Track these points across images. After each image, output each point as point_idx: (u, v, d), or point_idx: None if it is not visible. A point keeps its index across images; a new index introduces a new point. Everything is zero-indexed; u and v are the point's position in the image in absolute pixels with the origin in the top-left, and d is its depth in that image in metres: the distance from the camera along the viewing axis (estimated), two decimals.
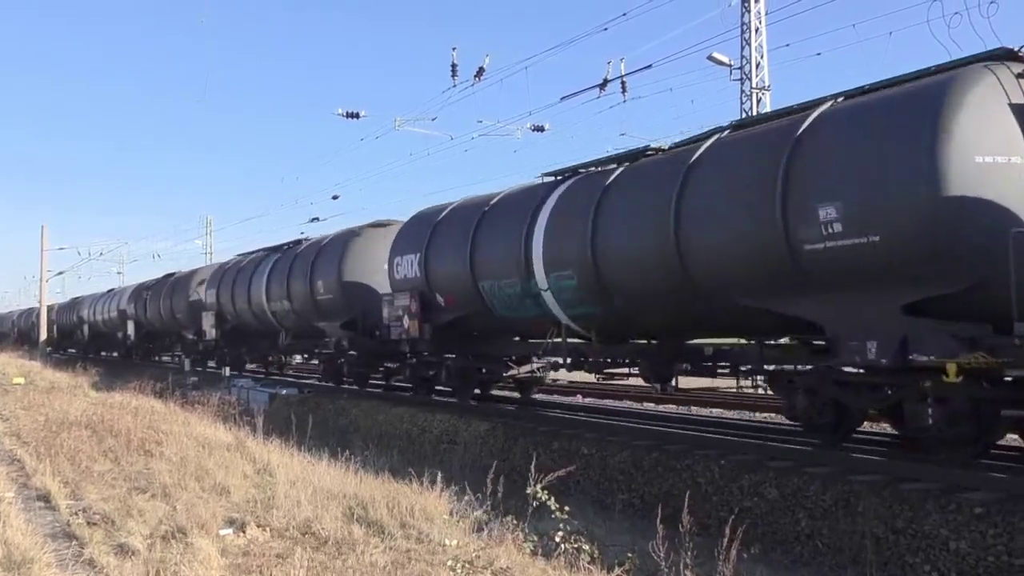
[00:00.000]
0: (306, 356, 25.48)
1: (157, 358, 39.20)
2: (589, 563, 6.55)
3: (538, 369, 15.86)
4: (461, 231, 14.74)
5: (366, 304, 18.36)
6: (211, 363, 30.47)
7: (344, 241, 19.90)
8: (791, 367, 10.08)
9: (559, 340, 12.86)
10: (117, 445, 12.08)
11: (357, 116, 25.76)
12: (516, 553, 6.66)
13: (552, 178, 13.77)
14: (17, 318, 76.21)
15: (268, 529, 7.55)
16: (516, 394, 17.63)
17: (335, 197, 38.01)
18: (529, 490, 7.33)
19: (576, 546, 6.78)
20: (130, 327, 38.01)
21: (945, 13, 13.22)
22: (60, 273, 61.16)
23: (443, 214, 15.97)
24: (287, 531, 7.50)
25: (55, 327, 55.25)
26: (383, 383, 20.71)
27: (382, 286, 17.92)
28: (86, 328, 47.56)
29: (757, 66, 22.84)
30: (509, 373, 16.18)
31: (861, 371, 9.01)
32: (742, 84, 23.05)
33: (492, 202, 14.73)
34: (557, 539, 6.88)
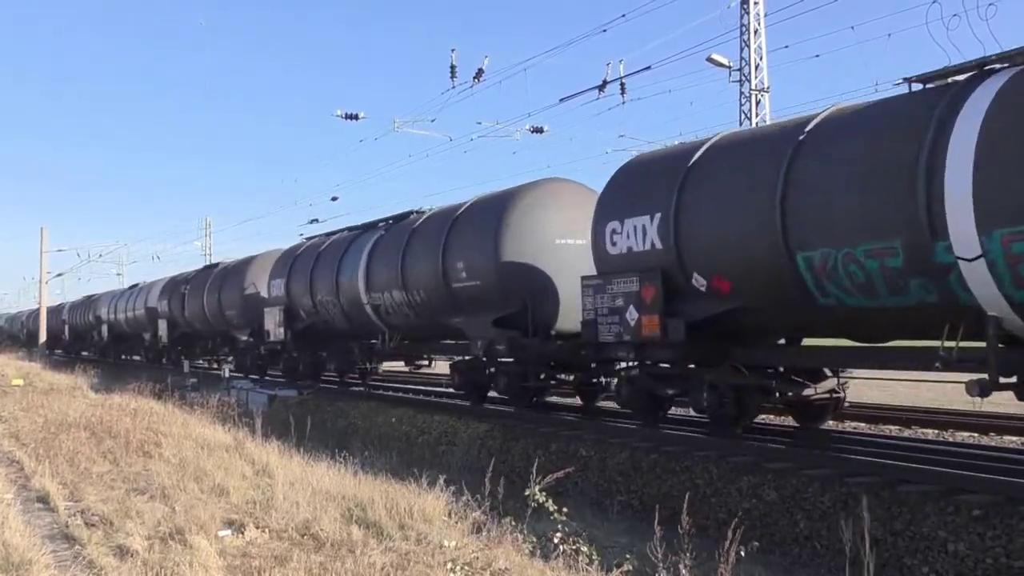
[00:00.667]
0: (419, 364, 19.84)
1: (196, 363, 32.16)
2: (587, 564, 6.56)
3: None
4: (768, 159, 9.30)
5: (534, 292, 13.67)
6: (274, 371, 24.94)
7: (500, 208, 14.27)
8: None
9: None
10: (116, 446, 12.08)
11: (356, 118, 25.78)
12: (515, 554, 6.66)
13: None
14: (27, 319, 72.93)
15: (267, 530, 7.56)
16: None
17: (334, 199, 38.14)
18: (528, 491, 7.33)
19: (575, 547, 6.78)
20: (162, 327, 33.16)
21: (944, 15, 13.21)
22: (60, 275, 61.12)
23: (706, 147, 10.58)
24: (286, 532, 7.50)
25: (67, 328, 52.19)
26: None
27: (557, 268, 13.74)
28: (105, 329, 43.08)
29: (756, 68, 22.86)
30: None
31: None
32: (741, 86, 23.07)
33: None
34: (555, 540, 6.88)
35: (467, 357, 15.68)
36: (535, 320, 13.34)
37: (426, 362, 19.72)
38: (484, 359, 14.80)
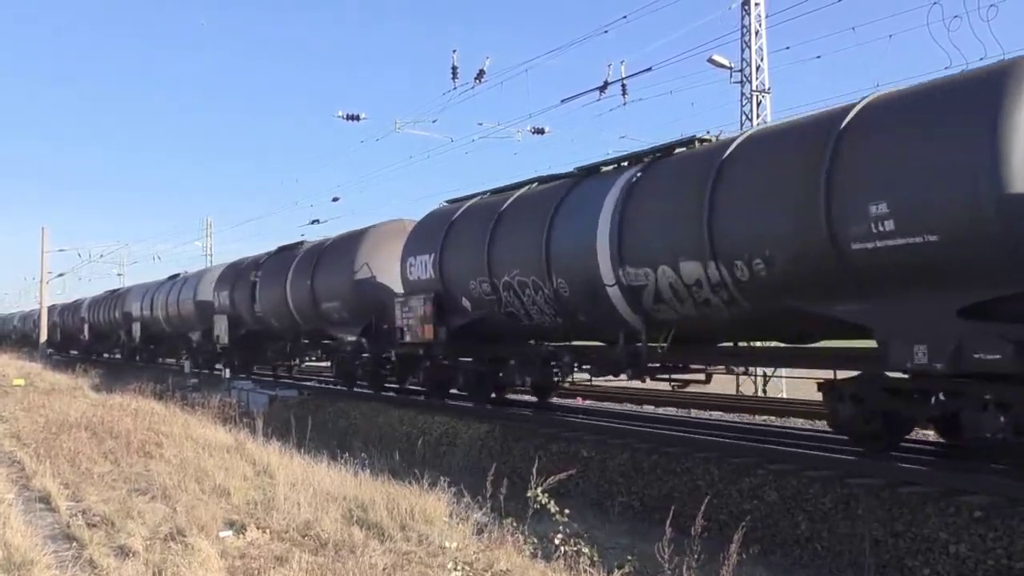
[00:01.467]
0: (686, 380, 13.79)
1: (264, 371, 27.31)
2: (589, 565, 6.56)
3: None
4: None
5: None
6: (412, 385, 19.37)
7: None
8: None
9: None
10: (117, 447, 12.09)
11: (357, 118, 25.80)
12: (516, 555, 6.66)
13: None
14: (88, 311, 68.18)
15: (268, 531, 7.56)
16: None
17: (335, 199, 38.14)
18: (529, 493, 7.33)
19: (576, 548, 6.78)
20: (221, 325, 26.68)
21: (945, 16, 13.23)
22: (61, 275, 61.14)
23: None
24: (287, 533, 7.50)
25: (87, 327, 47.37)
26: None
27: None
28: (136, 327, 37.21)
29: (757, 69, 22.87)
30: None
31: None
32: (742, 87, 23.09)
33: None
34: (556, 541, 6.88)
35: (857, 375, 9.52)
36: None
37: (702, 377, 12.15)
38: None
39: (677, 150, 11.25)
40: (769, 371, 21.52)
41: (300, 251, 22.08)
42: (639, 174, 11.19)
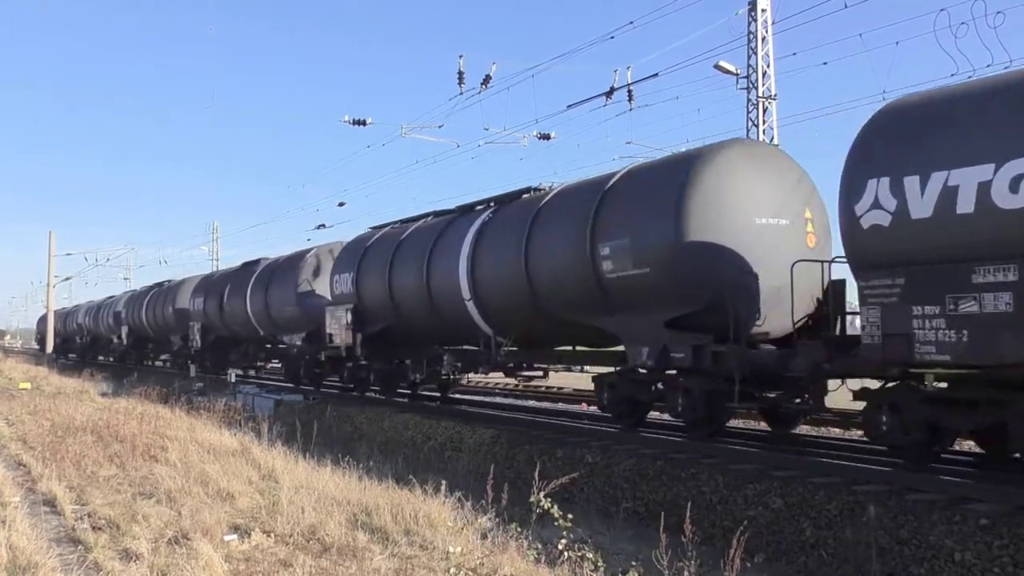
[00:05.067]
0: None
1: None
2: (593, 571, 6.55)
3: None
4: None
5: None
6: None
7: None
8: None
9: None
10: (122, 450, 12.12)
11: (364, 123, 25.82)
12: (520, 561, 6.65)
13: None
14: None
15: (272, 535, 7.57)
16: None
17: (341, 204, 38.16)
18: (533, 498, 7.33)
19: (580, 554, 6.77)
20: (195, 330, 28.40)
21: (952, 23, 13.23)
22: (68, 278, 61.30)
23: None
24: (291, 537, 7.51)
25: (124, 329, 40.83)
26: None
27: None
28: (196, 330, 29.82)
29: (763, 75, 22.85)
30: None
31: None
32: (748, 93, 23.05)
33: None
34: (561, 547, 6.87)
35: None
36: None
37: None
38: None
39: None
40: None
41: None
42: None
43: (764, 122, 22.68)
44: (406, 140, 27.08)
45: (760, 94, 22.80)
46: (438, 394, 19.32)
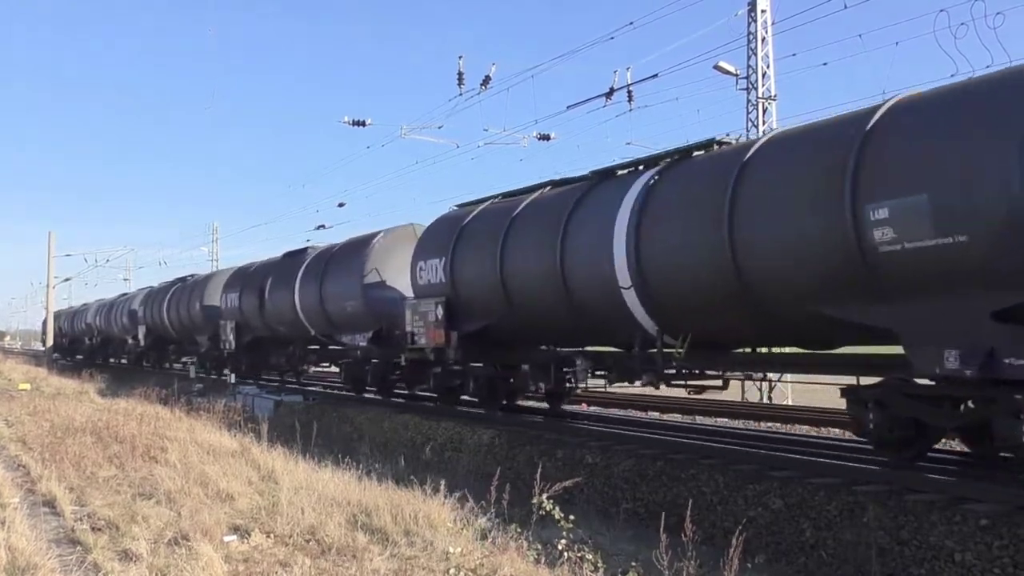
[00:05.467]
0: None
1: None
2: (593, 572, 6.55)
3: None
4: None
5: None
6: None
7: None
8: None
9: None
10: (122, 451, 12.11)
11: (363, 124, 25.85)
12: (520, 561, 6.65)
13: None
14: (95, 315, 49.20)
15: (272, 536, 7.57)
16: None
17: (341, 205, 38.29)
18: (534, 500, 7.33)
19: (580, 555, 6.77)
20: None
21: (952, 23, 13.22)
22: (67, 279, 61.31)
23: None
24: (291, 538, 7.51)
25: (142, 328, 36.71)
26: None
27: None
28: (231, 331, 26.35)
29: (763, 75, 22.86)
30: None
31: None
32: (748, 93, 23.09)
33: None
34: (561, 547, 6.87)
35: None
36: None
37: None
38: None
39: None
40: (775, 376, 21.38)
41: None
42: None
43: (764, 123, 22.70)
44: (406, 141, 27.23)
45: (760, 95, 22.81)
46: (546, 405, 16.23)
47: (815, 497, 8.36)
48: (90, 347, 50.20)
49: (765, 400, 21.48)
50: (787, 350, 10.89)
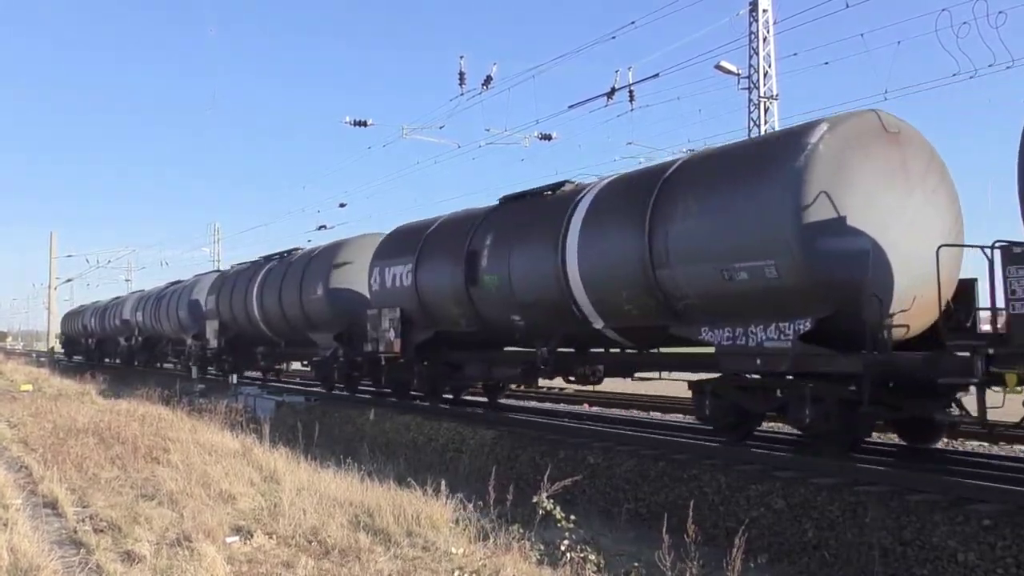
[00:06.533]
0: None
1: None
2: (595, 572, 6.55)
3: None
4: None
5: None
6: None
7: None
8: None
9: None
10: (124, 452, 12.12)
11: (364, 124, 25.86)
12: (522, 562, 6.65)
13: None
14: (100, 315, 47.16)
15: (274, 537, 7.57)
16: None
17: (342, 205, 38.33)
18: (535, 499, 7.33)
19: (582, 555, 6.77)
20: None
21: (954, 23, 13.21)
22: (69, 280, 61.31)
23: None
24: (293, 539, 7.51)
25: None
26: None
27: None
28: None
29: (765, 75, 22.84)
30: None
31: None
32: (750, 93, 23.05)
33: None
34: (563, 548, 6.87)
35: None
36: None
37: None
38: None
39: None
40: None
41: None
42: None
43: (766, 122, 22.67)
44: (407, 141, 27.16)
45: (761, 94, 22.79)
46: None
47: (817, 497, 8.36)
48: (127, 348, 41.77)
49: None
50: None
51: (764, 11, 22.80)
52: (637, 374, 13.75)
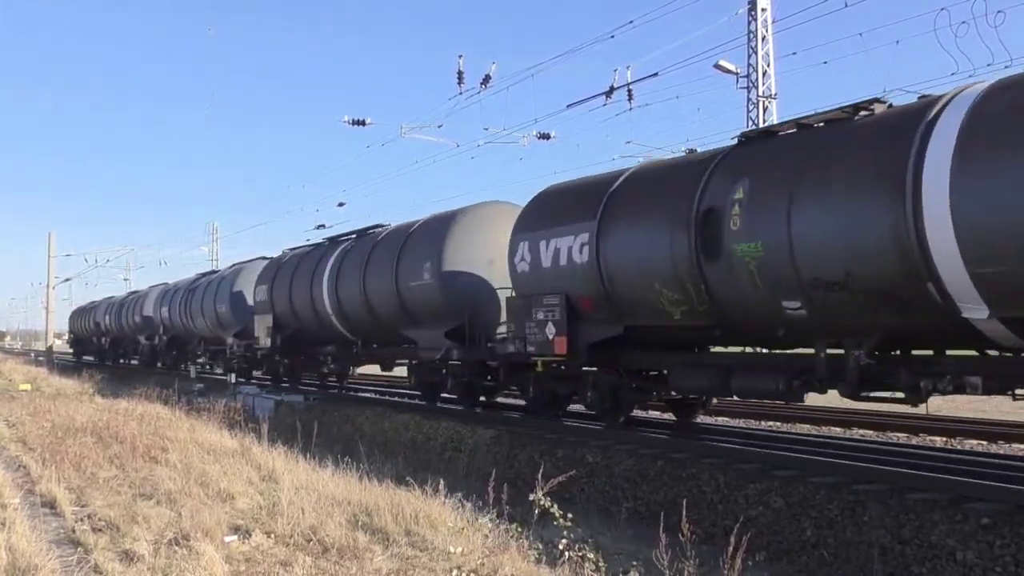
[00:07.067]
0: None
1: None
2: (594, 571, 6.53)
3: None
4: None
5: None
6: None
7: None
8: None
9: None
10: (123, 451, 12.10)
11: (363, 123, 25.83)
12: (520, 561, 6.64)
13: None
14: (116, 311, 43.15)
15: (272, 536, 7.56)
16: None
17: (341, 204, 38.27)
18: (532, 497, 7.31)
19: (581, 554, 6.76)
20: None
21: (952, 22, 13.18)
22: (67, 279, 61.17)
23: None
24: (291, 538, 7.50)
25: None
26: None
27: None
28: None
29: (764, 74, 22.84)
30: None
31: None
32: (748, 92, 23.06)
33: None
34: (561, 547, 6.86)
35: None
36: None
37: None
38: None
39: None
40: None
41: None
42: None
43: (764, 121, 22.67)
44: (406, 140, 27.18)
45: (760, 93, 22.80)
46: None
47: (816, 496, 8.36)
48: (150, 348, 37.57)
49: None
50: None
51: (763, 10, 22.81)
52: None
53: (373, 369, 22.40)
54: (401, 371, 20.03)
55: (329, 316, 19.69)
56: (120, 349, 45.52)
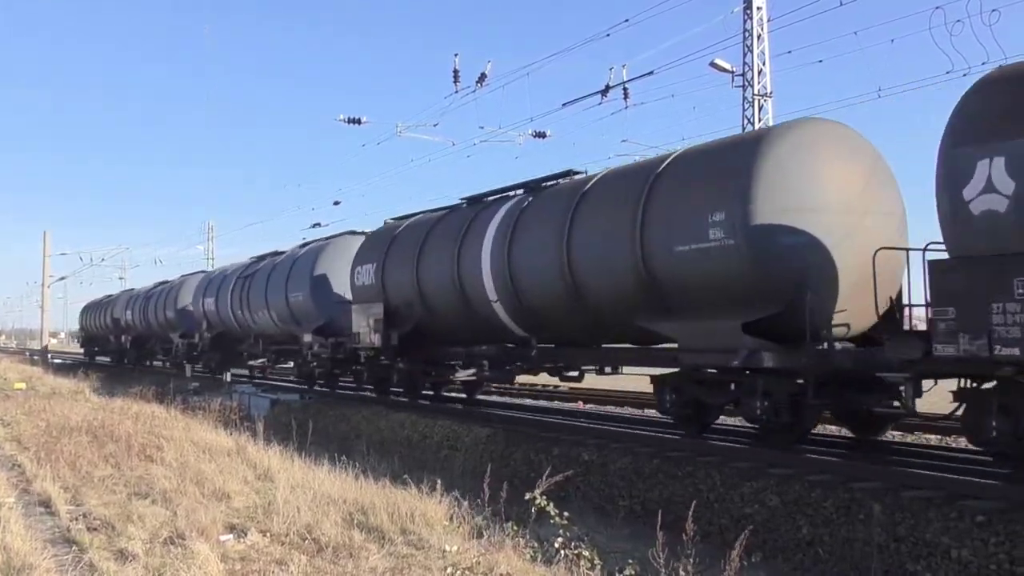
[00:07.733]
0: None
1: None
2: (589, 569, 6.53)
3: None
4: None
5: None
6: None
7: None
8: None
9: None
10: (118, 450, 12.08)
11: (359, 122, 25.81)
12: (516, 559, 6.64)
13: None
14: (141, 305, 36.63)
15: (268, 535, 7.55)
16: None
17: (336, 203, 38.24)
18: (528, 496, 7.31)
19: (576, 552, 6.75)
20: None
21: (947, 20, 13.19)
22: (63, 278, 60.97)
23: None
24: (287, 537, 7.49)
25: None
26: None
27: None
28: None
29: (759, 73, 22.84)
30: None
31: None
32: (744, 91, 23.05)
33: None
34: (557, 545, 6.86)
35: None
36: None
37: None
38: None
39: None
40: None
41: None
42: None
43: (760, 120, 22.67)
44: (401, 139, 27.13)
45: (756, 92, 22.79)
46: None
47: (812, 494, 8.37)
48: (187, 348, 30.98)
49: None
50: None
51: (758, 9, 22.80)
52: None
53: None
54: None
55: (488, 303, 14.05)
56: (144, 348, 38.60)
